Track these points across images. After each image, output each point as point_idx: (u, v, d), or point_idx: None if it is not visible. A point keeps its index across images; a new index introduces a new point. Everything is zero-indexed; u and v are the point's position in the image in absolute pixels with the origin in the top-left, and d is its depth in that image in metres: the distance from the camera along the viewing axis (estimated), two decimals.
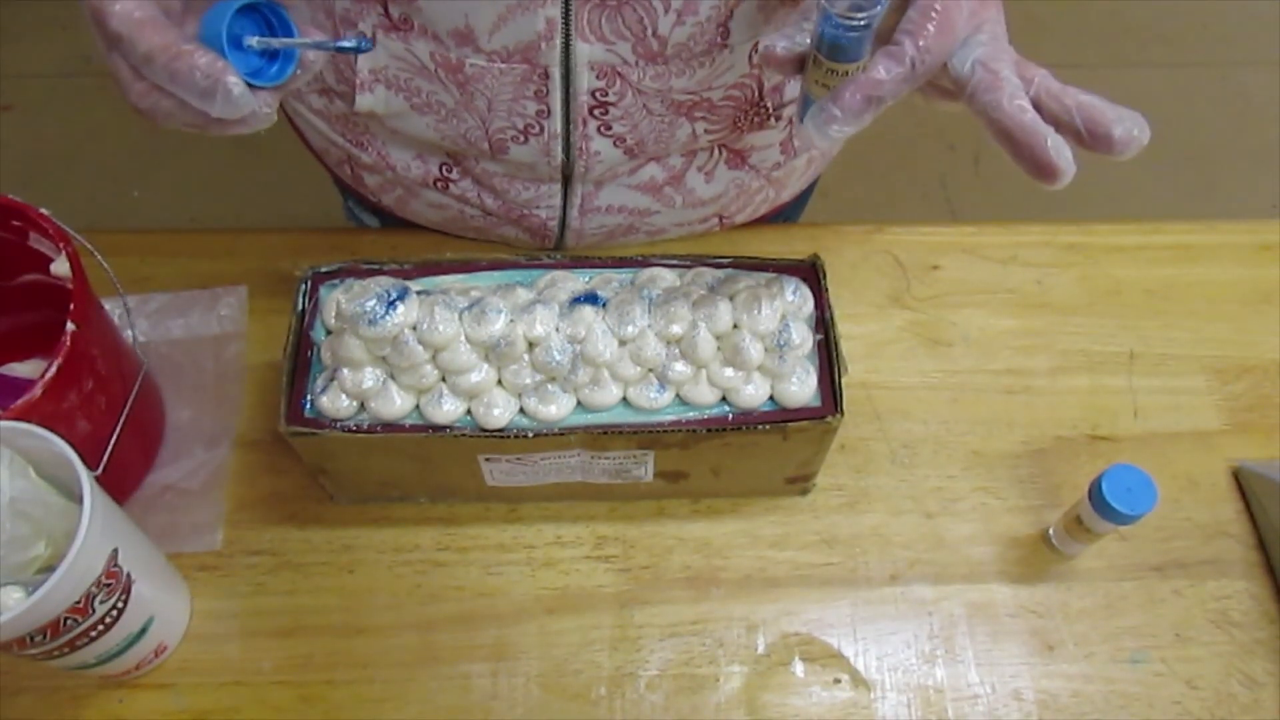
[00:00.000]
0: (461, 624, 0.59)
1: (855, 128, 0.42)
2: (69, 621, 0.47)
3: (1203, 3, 2.04)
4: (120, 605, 0.50)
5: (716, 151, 0.64)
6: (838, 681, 0.58)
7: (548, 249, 0.71)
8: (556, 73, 0.54)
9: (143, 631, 0.53)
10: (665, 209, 0.67)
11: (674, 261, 0.58)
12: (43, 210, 0.56)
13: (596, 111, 0.56)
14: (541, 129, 0.57)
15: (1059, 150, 0.40)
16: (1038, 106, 0.42)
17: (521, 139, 0.58)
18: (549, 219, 0.66)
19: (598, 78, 0.54)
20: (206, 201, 1.73)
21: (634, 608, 0.60)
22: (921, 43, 0.40)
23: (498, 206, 0.66)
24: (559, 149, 0.58)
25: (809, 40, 0.44)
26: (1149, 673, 0.58)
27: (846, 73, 0.43)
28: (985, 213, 1.73)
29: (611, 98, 0.55)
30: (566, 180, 0.63)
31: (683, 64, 0.54)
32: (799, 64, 0.45)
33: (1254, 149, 1.84)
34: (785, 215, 0.80)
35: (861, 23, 0.41)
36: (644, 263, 0.58)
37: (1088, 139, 0.41)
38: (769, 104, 0.60)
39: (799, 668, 0.58)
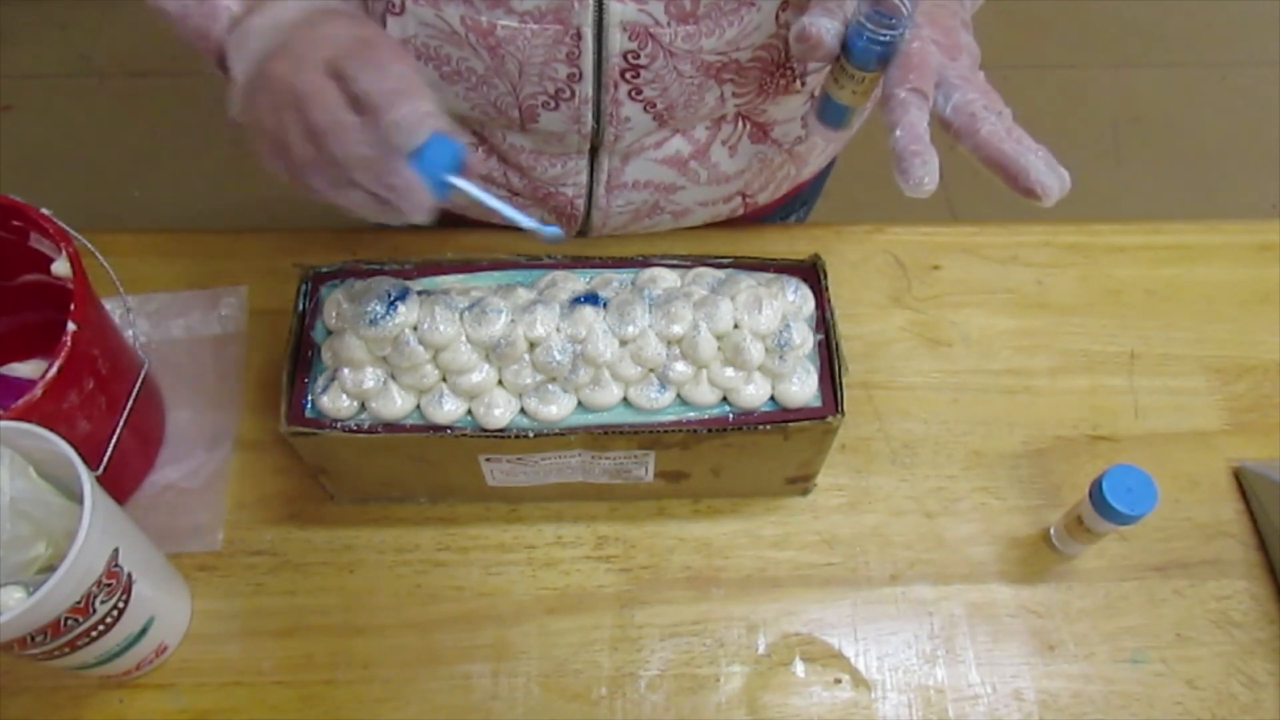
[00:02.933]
0: (462, 624, 0.59)
1: (934, 160, 0.46)
2: (70, 621, 0.47)
3: (1203, 3, 2.04)
4: (121, 605, 0.50)
5: (740, 124, 0.64)
6: (838, 681, 0.58)
7: (571, 236, 0.71)
8: (589, 33, 0.53)
9: (143, 631, 0.53)
10: (690, 185, 0.67)
11: (674, 261, 0.58)
12: (43, 210, 0.56)
13: (628, 75, 0.56)
14: (572, 93, 0.57)
15: (1039, 175, 0.46)
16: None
17: (552, 104, 0.58)
18: (575, 196, 0.66)
19: (630, 39, 0.54)
20: (206, 201, 1.72)
21: (634, 608, 0.60)
22: (909, 86, 0.45)
23: (524, 186, 0.66)
24: (589, 115, 0.58)
25: (841, 32, 0.47)
26: (1149, 673, 0.58)
27: (863, 79, 0.47)
28: (985, 213, 1.72)
29: (643, 60, 0.55)
30: (594, 153, 0.63)
31: (712, 24, 0.54)
32: (829, 55, 0.47)
33: (1254, 149, 1.84)
34: (804, 199, 0.80)
35: (888, 37, 0.45)
36: (644, 263, 0.58)
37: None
38: (795, 67, 0.60)
39: (800, 668, 0.58)
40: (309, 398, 0.54)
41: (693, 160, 0.65)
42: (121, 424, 0.57)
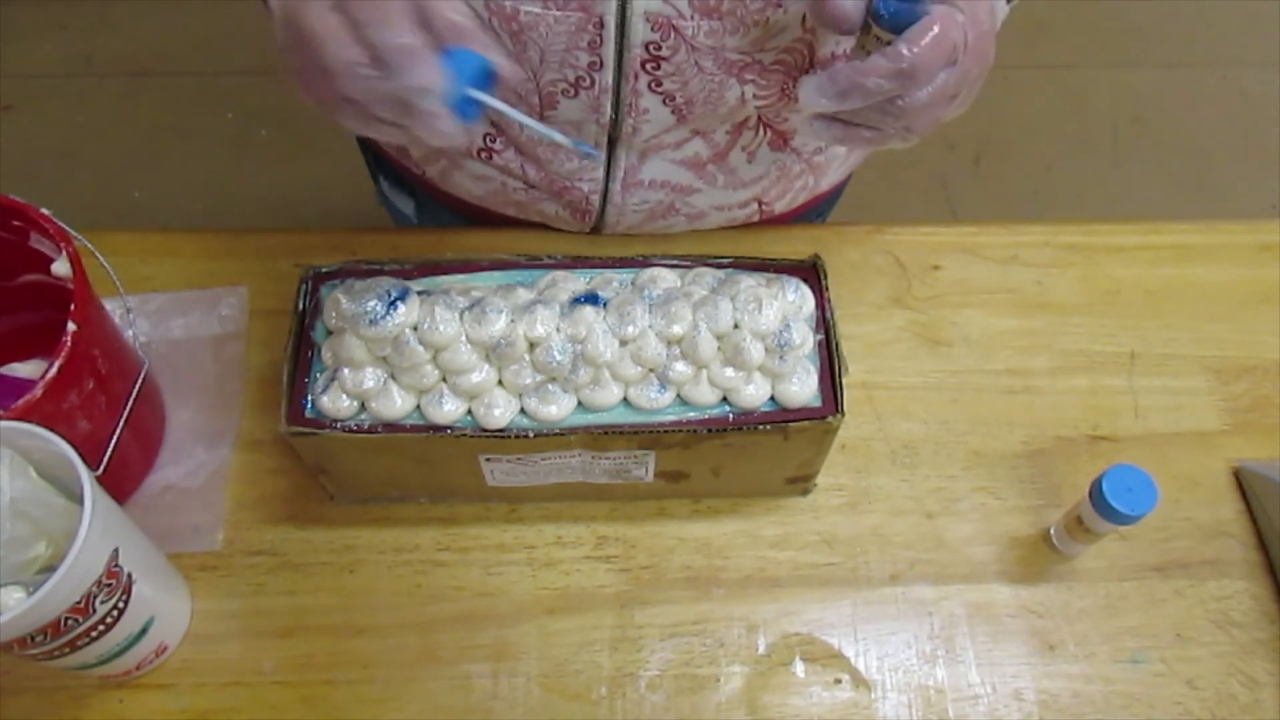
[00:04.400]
0: (462, 624, 0.59)
1: (835, 106, 0.47)
2: (70, 621, 0.47)
3: (1203, 3, 2.04)
4: (121, 605, 0.50)
5: (761, 130, 0.64)
6: (838, 682, 0.58)
7: (585, 231, 0.71)
8: (611, 22, 0.54)
9: (143, 632, 0.53)
10: (707, 187, 0.67)
11: (674, 261, 0.58)
12: (43, 210, 0.56)
13: (649, 66, 0.56)
14: (593, 82, 0.57)
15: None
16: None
17: (572, 92, 0.58)
18: (591, 192, 0.66)
19: (653, 30, 0.54)
20: (206, 201, 1.73)
21: (634, 608, 0.60)
22: (916, 49, 0.45)
23: (540, 178, 0.66)
24: (609, 104, 0.58)
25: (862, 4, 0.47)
26: (1149, 673, 0.58)
27: (890, 42, 0.46)
28: (985, 213, 1.73)
29: (665, 52, 0.55)
30: (611, 148, 0.63)
31: (737, 21, 0.54)
32: (855, 24, 0.48)
33: (1254, 149, 1.84)
34: (819, 211, 0.80)
35: None
36: (644, 263, 0.58)
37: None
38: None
39: (800, 668, 0.58)
40: (309, 398, 0.54)
41: (711, 164, 0.65)
42: (121, 424, 0.57)
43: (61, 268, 0.55)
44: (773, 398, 0.54)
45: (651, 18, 0.53)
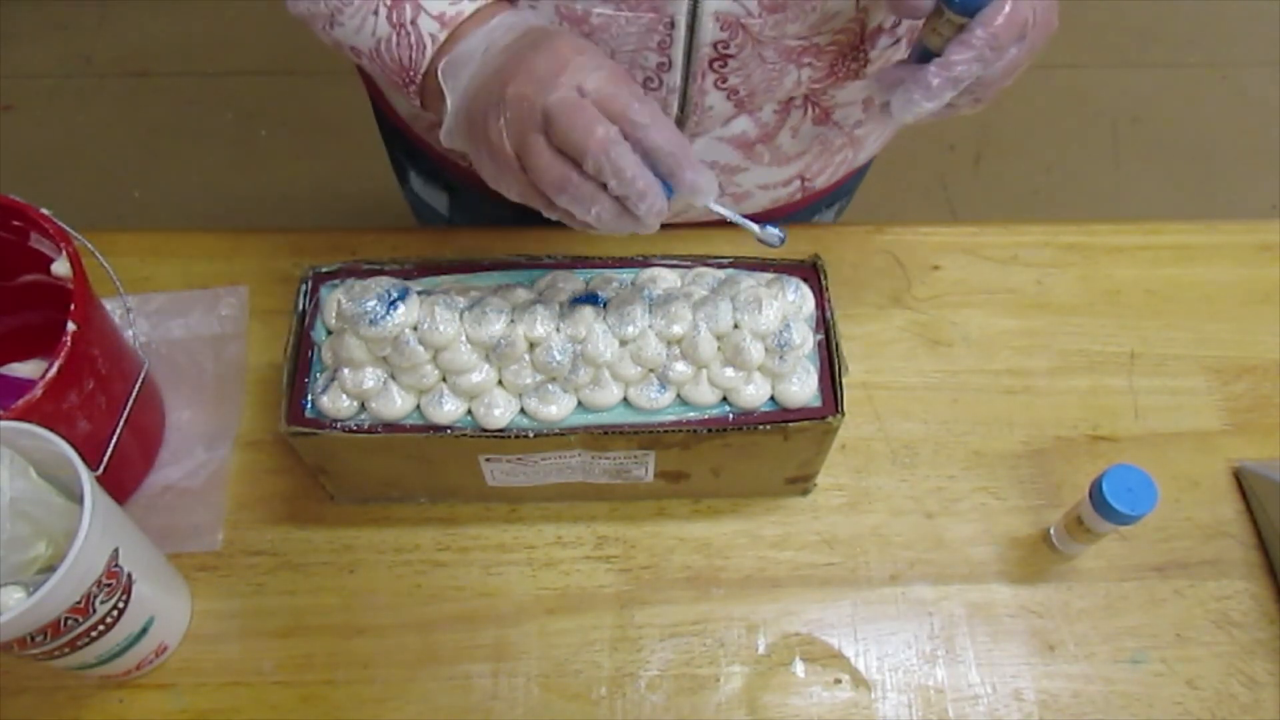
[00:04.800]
0: (462, 624, 0.59)
1: (936, 104, 0.50)
2: (70, 621, 0.47)
3: (1203, 3, 2.04)
4: (121, 605, 0.50)
5: (808, 109, 0.65)
6: (838, 682, 0.58)
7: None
8: (682, 22, 0.54)
9: (143, 631, 0.53)
10: (754, 166, 0.67)
11: (675, 261, 0.58)
12: (43, 210, 0.56)
13: (716, 64, 0.56)
14: (660, 82, 0.57)
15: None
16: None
17: None
18: None
19: (721, 29, 0.54)
20: (206, 201, 1.72)
21: (634, 608, 0.60)
22: (991, 31, 0.47)
23: None
24: (675, 104, 0.59)
25: None
26: (1149, 673, 0.58)
27: (962, 25, 0.48)
28: (985, 213, 1.73)
29: (732, 50, 0.56)
30: None
31: (797, 9, 0.55)
32: (928, 9, 0.49)
33: (1254, 149, 1.84)
34: (848, 187, 0.80)
35: None
36: (644, 263, 0.58)
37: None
38: (866, 49, 0.60)
39: (800, 668, 0.58)
40: (309, 398, 0.54)
41: (759, 144, 0.65)
42: (121, 424, 0.57)
43: (61, 268, 0.55)
44: (773, 398, 0.54)
45: (721, 17, 0.54)
